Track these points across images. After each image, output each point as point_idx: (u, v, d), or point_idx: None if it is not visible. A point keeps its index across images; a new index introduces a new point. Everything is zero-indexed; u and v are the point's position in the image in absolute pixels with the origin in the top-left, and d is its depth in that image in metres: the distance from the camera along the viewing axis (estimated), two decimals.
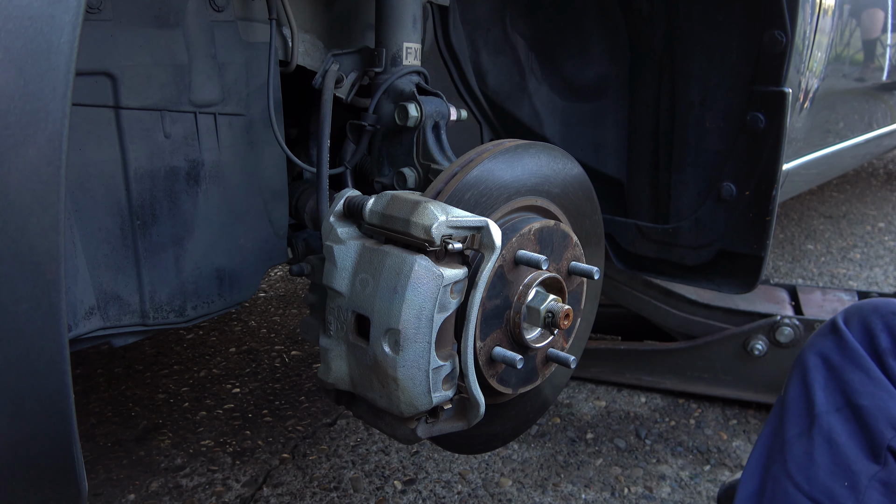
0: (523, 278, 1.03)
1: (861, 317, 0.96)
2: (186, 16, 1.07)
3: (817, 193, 4.66)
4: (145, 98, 1.03)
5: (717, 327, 1.98)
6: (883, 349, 0.91)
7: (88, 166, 1.00)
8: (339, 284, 0.97)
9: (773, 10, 1.29)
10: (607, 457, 1.78)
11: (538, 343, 1.06)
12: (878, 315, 0.94)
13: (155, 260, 1.10)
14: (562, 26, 1.62)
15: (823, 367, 0.95)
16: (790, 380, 1.00)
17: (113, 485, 1.65)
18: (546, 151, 1.15)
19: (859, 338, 0.93)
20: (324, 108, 1.20)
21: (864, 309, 0.96)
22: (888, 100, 2.73)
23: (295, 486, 1.65)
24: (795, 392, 0.97)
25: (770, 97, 1.35)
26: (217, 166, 1.15)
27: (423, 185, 1.21)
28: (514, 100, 1.69)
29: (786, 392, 1.00)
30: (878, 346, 0.91)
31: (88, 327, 1.04)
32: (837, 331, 0.96)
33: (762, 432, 1.01)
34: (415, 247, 0.91)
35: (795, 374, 0.99)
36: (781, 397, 1.00)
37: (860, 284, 3.08)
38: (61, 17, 0.50)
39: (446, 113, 1.24)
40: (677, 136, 1.51)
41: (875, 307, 0.96)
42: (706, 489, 1.66)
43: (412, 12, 1.26)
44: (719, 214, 1.49)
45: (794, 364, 1.01)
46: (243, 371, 2.22)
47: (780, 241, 3.66)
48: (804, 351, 1.00)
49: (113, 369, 2.21)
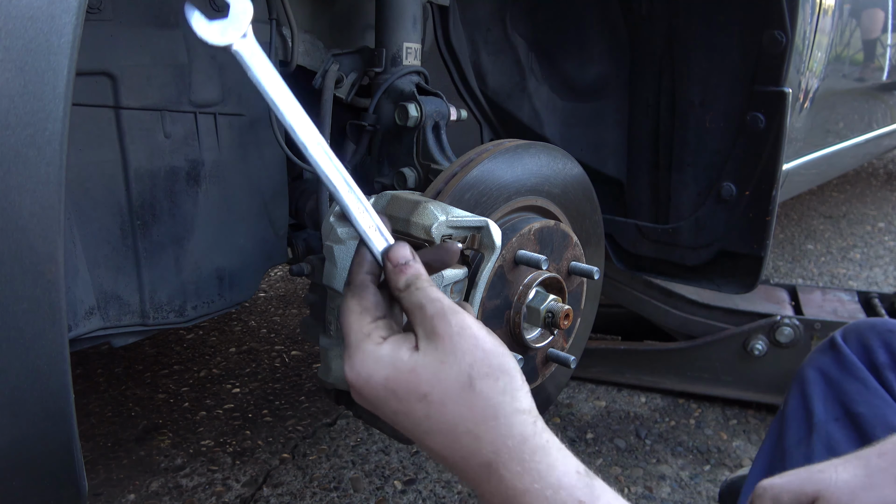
0: (523, 278, 1.03)
1: (858, 334, 0.98)
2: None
3: (817, 193, 4.66)
4: (145, 98, 1.03)
5: (717, 327, 1.98)
6: (880, 363, 0.93)
7: (88, 166, 1.00)
8: (339, 284, 0.97)
9: (773, 10, 1.29)
10: (607, 457, 1.78)
11: (538, 343, 1.06)
12: (874, 332, 0.97)
13: (155, 260, 1.10)
14: (562, 26, 1.62)
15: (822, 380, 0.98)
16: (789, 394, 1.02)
17: (113, 485, 1.65)
18: (546, 151, 1.15)
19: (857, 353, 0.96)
20: (324, 108, 1.20)
21: (862, 327, 0.99)
22: (888, 100, 2.73)
23: (295, 486, 1.65)
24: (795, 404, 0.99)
25: (770, 97, 1.35)
26: (217, 166, 1.15)
27: (423, 185, 1.21)
28: (514, 100, 1.69)
29: (785, 405, 1.02)
30: (876, 361, 0.94)
31: (88, 327, 1.04)
32: (836, 347, 0.99)
33: (763, 444, 1.03)
34: (415, 246, 0.91)
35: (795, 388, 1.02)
36: (781, 411, 1.03)
37: (860, 284, 3.08)
38: (61, 17, 0.50)
39: (446, 113, 1.24)
40: (677, 136, 1.51)
41: (872, 325, 0.99)
42: (706, 489, 1.66)
43: (412, 12, 1.26)
44: (719, 214, 1.49)
45: (794, 379, 1.04)
46: (243, 371, 2.22)
47: (780, 241, 3.66)
48: (803, 366, 1.03)
49: (113, 369, 2.21)
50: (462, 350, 0.56)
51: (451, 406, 0.56)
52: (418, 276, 0.60)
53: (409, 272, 0.60)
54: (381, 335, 0.59)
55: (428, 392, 0.56)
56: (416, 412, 0.56)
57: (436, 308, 0.58)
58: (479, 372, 0.56)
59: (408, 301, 0.60)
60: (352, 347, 0.59)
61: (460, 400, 0.55)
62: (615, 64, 1.59)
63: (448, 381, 0.56)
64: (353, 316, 0.60)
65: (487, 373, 0.56)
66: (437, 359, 0.56)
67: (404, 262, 0.61)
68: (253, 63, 0.57)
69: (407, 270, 0.61)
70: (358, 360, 0.58)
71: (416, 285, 0.60)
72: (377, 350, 0.58)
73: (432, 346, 0.57)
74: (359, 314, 0.60)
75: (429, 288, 0.59)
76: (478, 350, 0.56)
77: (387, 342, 0.58)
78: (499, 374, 0.56)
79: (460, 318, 0.57)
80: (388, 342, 0.58)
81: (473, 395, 0.55)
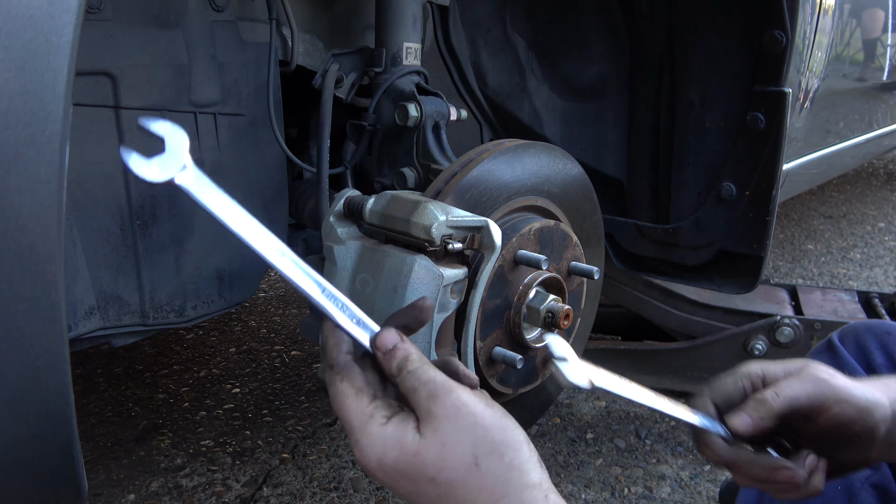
0: (523, 278, 1.03)
1: (856, 335, 0.99)
2: (186, 16, 1.07)
3: (817, 193, 4.66)
4: (145, 98, 1.04)
5: (718, 327, 1.98)
6: (877, 365, 0.94)
7: (88, 166, 1.00)
8: (339, 284, 0.97)
9: (773, 10, 1.29)
10: (607, 457, 1.78)
11: (538, 343, 1.06)
12: (871, 334, 0.97)
13: (155, 260, 1.10)
14: (562, 26, 1.62)
15: None
16: None
17: (113, 485, 1.65)
18: (546, 151, 1.15)
19: (854, 355, 0.96)
20: (324, 108, 1.20)
21: (859, 328, 1.00)
22: (888, 100, 2.73)
23: (295, 486, 1.65)
24: None
25: (770, 97, 1.35)
26: (217, 166, 1.15)
27: (423, 185, 1.21)
28: (514, 100, 1.69)
29: None
30: (873, 363, 0.94)
31: (88, 327, 1.04)
32: (833, 348, 0.99)
33: None
34: (415, 247, 0.91)
35: None
36: None
37: (860, 284, 3.08)
38: (61, 16, 0.50)
39: (446, 113, 1.24)
40: (677, 136, 1.51)
41: (869, 326, 0.99)
42: (706, 489, 1.66)
43: (412, 12, 1.26)
44: (719, 214, 1.49)
45: None
46: (243, 371, 2.22)
47: (780, 241, 3.66)
48: None
49: (113, 369, 2.21)
50: (462, 430, 0.55)
51: (459, 488, 0.55)
52: (407, 357, 0.59)
53: (398, 355, 0.59)
54: (383, 415, 0.57)
55: (435, 475, 0.55)
56: (427, 494, 0.56)
57: (429, 390, 0.57)
58: (482, 450, 0.55)
59: (402, 385, 0.59)
60: (357, 431, 0.57)
61: (468, 481, 0.55)
62: (615, 64, 1.59)
63: (453, 462, 0.55)
64: (349, 399, 0.58)
65: (491, 449, 0.55)
66: (439, 441, 0.55)
67: (392, 346, 0.60)
68: (198, 191, 0.56)
69: (397, 354, 0.60)
70: (366, 444, 0.56)
71: (406, 368, 0.59)
72: (383, 431, 0.56)
73: (431, 428, 0.55)
74: (355, 396, 0.58)
75: (420, 368, 0.58)
76: (478, 428, 0.55)
77: (390, 422, 0.57)
78: (503, 449, 0.55)
79: (454, 396, 0.56)
80: (392, 423, 0.57)
81: (480, 475, 0.54)
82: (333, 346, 0.61)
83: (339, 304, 0.61)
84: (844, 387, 0.70)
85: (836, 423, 0.69)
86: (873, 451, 0.71)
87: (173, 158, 0.56)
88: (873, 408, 0.69)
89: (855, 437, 0.70)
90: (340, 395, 0.59)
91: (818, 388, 0.69)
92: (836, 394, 0.69)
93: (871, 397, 0.70)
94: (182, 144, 0.56)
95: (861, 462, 0.74)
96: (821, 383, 0.70)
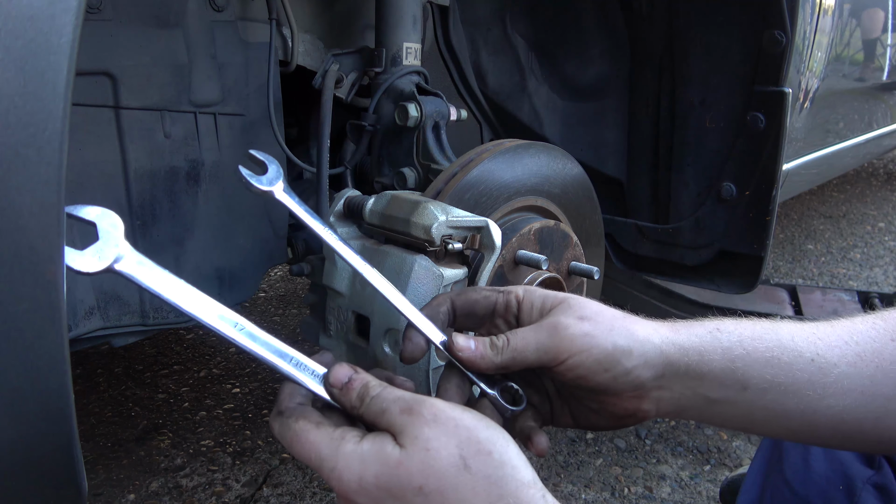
0: (523, 278, 1.03)
1: None
2: (186, 16, 1.07)
3: (817, 193, 4.66)
4: (145, 98, 1.04)
5: None
6: None
7: (88, 166, 1.00)
8: (339, 284, 0.97)
9: (773, 10, 1.29)
10: (607, 457, 1.78)
11: None
12: None
13: (155, 260, 1.10)
14: (562, 26, 1.62)
15: None
16: None
17: (113, 485, 1.65)
18: (546, 151, 1.15)
19: None
20: (324, 108, 1.20)
21: None
22: (888, 100, 2.73)
23: (295, 486, 1.65)
24: None
25: (770, 97, 1.35)
26: (217, 166, 1.15)
27: (423, 185, 1.21)
28: (514, 100, 1.69)
29: None
30: None
31: (88, 327, 1.04)
32: None
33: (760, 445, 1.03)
34: (415, 247, 0.91)
35: None
36: None
37: (860, 284, 3.08)
38: (61, 16, 0.50)
39: (446, 113, 1.24)
40: (677, 136, 1.51)
41: None
42: (706, 489, 1.66)
43: (412, 12, 1.26)
44: (719, 214, 1.49)
45: None
46: (243, 371, 2.22)
47: (780, 241, 3.66)
48: None
49: (113, 369, 2.21)
50: (444, 433, 0.52)
51: (450, 494, 0.51)
52: (366, 384, 0.56)
53: (355, 386, 0.56)
54: (354, 435, 0.53)
55: (423, 484, 0.51)
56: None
57: (399, 406, 0.53)
58: (469, 451, 0.51)
59: (369, 413, 0.55)
60: (329, 458, 0.52)
61: (459, 485, 0.51)
62: (615, 64, 1.59)
63: (440, 468, 0.51)
64: (311, 433, 0.54)
65: (479, 449, 0.52)
66: (421, 447, 0.51)
67: (347, 379, 0.57)
68: (140, 275, 0.54)
69: (353, 385, 0.57)
70: (343, 466, 0.52)
71: (369, 395, 0.55)
72: (359, 448, 0.52)
73: (411, 436, 0.52)
74: (316, 427, 0.54)
75: (384, 391, 0.55)
76: (461, 429, 0.52)
77: (365, 440, 0.53)
78: (490, 446, 0.52)
79: (429, 404, 0.53)
80: (367, 440, 0.53)
81: (471, 477, 0.51)
82: (287, 396, 0.58)
83: (297, 361, 0.59)
84: (585, 335, 0.61)
85: (574, 376, 0.62)
86: (644, 401, 0.64)
87: (108, 245, 0.53)
88: (621, 355, 0.61)
89: (600, 388, 0.62)
90: (301, 433, 0.54)
91: (552, 340, 0.62)
92: (572, 344, 0.61)
93: (620, 343, 0.62)
94: (115, 228, 0.53)
95: (634, 414, 0.65)
96: (556, 333, 0.62)
